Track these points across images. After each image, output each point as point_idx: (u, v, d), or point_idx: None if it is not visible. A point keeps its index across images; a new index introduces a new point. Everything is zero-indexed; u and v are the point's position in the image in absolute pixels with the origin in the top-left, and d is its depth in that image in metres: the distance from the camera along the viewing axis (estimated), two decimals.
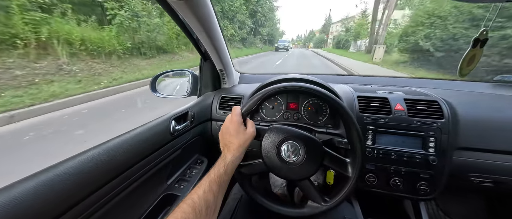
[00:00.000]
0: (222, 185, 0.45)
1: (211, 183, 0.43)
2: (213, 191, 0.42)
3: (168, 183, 0.79)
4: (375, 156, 0.75)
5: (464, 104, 0.77)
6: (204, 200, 0.39)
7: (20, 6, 4.50)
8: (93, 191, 0.48)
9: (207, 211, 0.39)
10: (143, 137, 0.64)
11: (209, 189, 0.41)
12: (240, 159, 0.54)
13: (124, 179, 0.57)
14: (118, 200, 0.57)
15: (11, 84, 3.70)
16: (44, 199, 0.39)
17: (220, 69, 1.07)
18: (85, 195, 0.46)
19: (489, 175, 0.71)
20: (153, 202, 0.72)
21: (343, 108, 0.56)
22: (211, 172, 0.46)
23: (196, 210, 0.36)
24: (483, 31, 0.60)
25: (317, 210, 0.55)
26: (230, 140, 0.53)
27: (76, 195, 0.45)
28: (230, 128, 0.55)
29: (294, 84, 0.60)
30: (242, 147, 0.53)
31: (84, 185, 0.46)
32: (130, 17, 7.17)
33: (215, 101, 1.04)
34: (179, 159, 0.84)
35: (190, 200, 0.38)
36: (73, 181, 0.44)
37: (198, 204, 0.38)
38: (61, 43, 5.10)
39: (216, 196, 0.42)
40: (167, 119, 0.76)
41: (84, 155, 0.49)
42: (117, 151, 0.55)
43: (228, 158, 0.50)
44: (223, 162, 0.48)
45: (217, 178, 0.44)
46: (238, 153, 0.52)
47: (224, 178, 0.46)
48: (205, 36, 0.81)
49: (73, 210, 0.44)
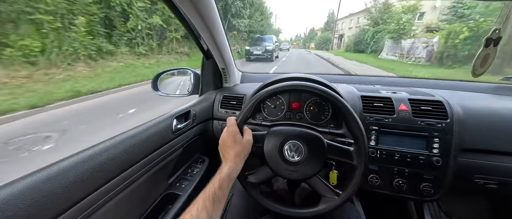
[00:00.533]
0: (217, 201, 0.44)
1: (204, 200, 0.42)
2: (207, 209, 0.41)
3: (169, 182, 0.79)
4: (378, 157, 0.74)
5: (469, 105, 0.76)
6: (197, 218, 0.39)
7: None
8: (94, 189, 0.48)
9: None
10: (145, 135, 0.64)
11: (203, 207, 0.41)
12: (238, 170, 0.53)
13: (125, 177, 0.56)
14: (120, 198, 0.56)
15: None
16: (44, 197, 0.39)
17: (222, 68, 1.07)
18: (85, 193, 0.46)
19: (494, 176, 0.70)
20: (154, 201, 0.72)
21: (341, 102, 0.55)
22: (206, 188, 0.45)
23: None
24: (495, 30, 0.59)
25: (332, 203, 0.54)
26: (228, 151, 0.53)
27: (76, 193, 0.44)
28: (227, 139, 0.55)
29: (291, 84, 0.59)
30: (239, 157, 0.53)
31: (84, 183, 0.46)
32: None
33: (217, 100, 1.03)
34: (181, 157, 0.84)
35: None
36: (73, 179, 0.44)
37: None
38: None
39: (210, 214, 0.41)
40: (169, 117, 0.76)
41: (84, 153, 0.49)
42: (118, 149, 0.55)
43: (224, 171, 0.49)
44: (219, 176, 0.48)
45: (211, 194, 0.44)
46: (234, 164, 0.51)
47: (218, 193, 0.45)
48: (208, 33, 0.80)
49: (74, 208, 0.44)
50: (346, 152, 0.56)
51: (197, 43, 0.94)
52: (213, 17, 0.74)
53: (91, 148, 0.51)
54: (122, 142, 0.57)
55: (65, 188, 0.42)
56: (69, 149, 1.47)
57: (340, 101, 0.55)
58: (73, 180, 0.44)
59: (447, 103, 0.74)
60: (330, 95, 0.55)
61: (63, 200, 0.42)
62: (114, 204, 0.55)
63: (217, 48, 0.92)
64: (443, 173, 0.70)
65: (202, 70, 1.10)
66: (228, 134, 0.55)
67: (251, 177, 0.62)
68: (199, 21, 0.72)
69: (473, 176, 0.72)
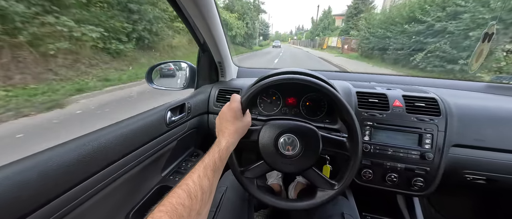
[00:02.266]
0: (217, 171, 0.44)
1: (206, 168, 0.42)
2: (208, 177, 0.41)
3: (162, 175, 0.78)
4: (372, 152, 0.75)
5: (461, 102, 0.77)
6: (200, 185, 0.38)
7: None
8: (85, 178, 0.47)
9: (202, 196, 0.37)
10: (138, 126, 0.63)
11: (204, 174, 0.40)
12: (234, 145, 0.52)
13: (117, 168, 0.55)
14: (111, 189, 0.55)
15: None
16: (33, 184, 0.38)
17: (218, 61, 1.05)
18: (76, 182, 0.45)
19: (483, 172, 0.72)
20: (147, 193, 0.71)
21: (335, 96, 0.56)
22: (205, 157, 0.45)
23: (192, 195, 0.35)
24: (493, 25, 0.60)
25: (328, 195, 0.55)
26: (226, 125, 0.53)
27: (67, 181, 0.43)
28: (228, 114, 0.54)
29: (294, 77, 0.59)
30: (237, 134, 0.53)
31: (76, 171, 0.45)
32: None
33: (212, 94, 1.02)
34: (175, 151, 0.83)
35: (185, 185, 0.36)
36: (64, 167, 0.43)
37: (194, 189, 0.36)
38: None
39: (211, 182, 0.41)
40: (163, 109, 0.74)
41: (76, 142, 0.48)
42: (110, 139, 0.54)
43: (223, 144, 0.49)
44: (218, 148, 0.47)
45: (212, 163, 0.43)
46: (232, 139, 0.51)
47: (218, 164, 0.45)
48: (205, 27, 0.79)
49: (64, 196, 0.43)
50: (340, 143, 0.57)
51: (193, 36, 0.93)
52: (211, 9, 0.73)
53: (82, 137, 0.50)
54: (114, 132, 0.56)
55: (55, 175, 0.41)
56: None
57: (335, 95, 0.55)
58: (63, 168, 0.43)
59: (441, 100, 0.75)
60: (327, 89, 0.56)
61: (49, 190, 0.41)
62: (106, 195, 0.54)
63: (213, 42, 0.91)
64: (434, 168, 0.72)
65: (198, 63, 1.08)
66: (229, 108, 0.54)
67: (247, 172, 0.61)
68: (196, 13, 0.71)
69: (462, 171, 0.74)
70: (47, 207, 0.40)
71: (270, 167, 0.59)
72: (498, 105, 0.75)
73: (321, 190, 0.56)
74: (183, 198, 0.34)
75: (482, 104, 0.77)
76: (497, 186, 0.75)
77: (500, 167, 0.70)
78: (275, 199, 0.59)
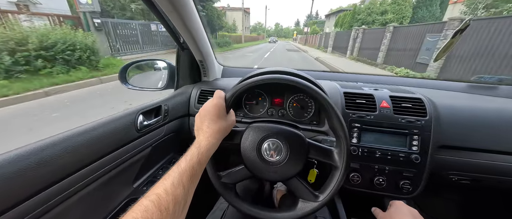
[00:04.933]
0: (194, 177, 0.38)
1: (181, 174, 0.36)
2: (183, 184, 0.35)
3: (134, 186, 0.70)
4: (360, 154, 0.73)
5: (446, 103, 0.77)
6: (173, 195, 0.32)
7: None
8: (42, 189, 0.40)
9: (175, 207, 0.32)
10: (104, 131, 0.55)
11: (179, 181, 0.34)
12: (215, 147, 0.47)
13: (77, 179, 0.48)
14: (73, 201, 0.48)
15: None
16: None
17: (199, 60, 0.98)
18: (31, 193, 0.38)
19: (467, 172, 0.72)
20: (115, 207, 0.63)
21: (325, 100, 0.51)
22: (181, 161, 0.38)
23: (162, 208, 0.29)
24: (466, 21, 0.60)
25: (310, 207, 0.50)
26: (208, 124, 0.46)
27: (19, 193, 0.37)
28: (211, 111, 0.47)
29: (284, 77, 0.54)
30: (219, 134, 0.47)
31: (31, 181, 0.38)
32: None
33: (193, 95, 0.95)
34: (149, 158, 0.75)
35: (154, 195, 0.31)
36: (16, 177, 0.36)
37: (165, 200, 0.31)
38: None
39: (186, 190, 0.35)
40: (132, 112, 0.67)
41: (32, 146, 0.41)
42: (72, 144, 0.47)
43: (203, 145, 0.43)
44: (197, 150, 0.41)
45: (189, 169, 0.37)
46: (214, 140, 0.45)
47: (197, 169, 0.39)
48: (182, 24, 0.73)
49: (16, 209, 0.36)
50: (327, 152, 0.52)
51: (171, 33, 0.85)
52: (187, 4, 0.67)
53: (40, 141, 0.43)
54: (77, 136, 0.49)
55: (4, 186, 0.35)
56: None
57: (325, 100, 0.51)
58: (16, 177, 0.36)
59: (427, 101, 0.74)
60: (318, 94, 0.51)
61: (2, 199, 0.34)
62: (67, 207, 0.47)
63: (193, 40, 0.84)
64: (421, 170, 0.70)
65: (178, 62, 1.00)
66: (213, 105, 0.48)
67: (225, 177, 0.56)
68: (170, 9, 0.64)
69: (448, 172, 0.74)
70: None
71: (251, 173, 0.54)
72: (481, 106, 0.76)
73: (303, 201, 0.51)
74: (152, 212, 0.28)
75: (466, 105, 0.77)
76: (481, 185, 0.75)
77: (483, 167, 0.70)
78: (254, 209, 0.54)
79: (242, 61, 11.43)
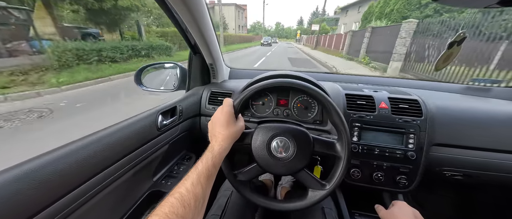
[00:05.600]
0: (210, 177, 0.44)
1: (199, 175, 0.42)
2: (202, 184, 0.41)
3: (154, 180, 0.77)
4: (360, 152, 0.79)
5: (441, 104, 0.82)
6: (193, 193, 0.38)
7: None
8: (75, 187, 0.46)
9: (196, 204, 0.37)
10: (128, 131, 0.62)
11: (197, 181, 0.40)
12: (227, 151, 0.53)
13: (107, 175, 0.54)
14: (102, 196, 0.54)
15: None
16: (22, 195, 0.37)
17: (210, 63, 1.05)
18: (65, 191, 0.44)
19: (460, 169, 0.78)
20: (138, 199, 0.70)
21: (326, 99, 0.58)
22: (198, 164, 0.44)
23: (185, 204, 0.35)
24: (460, 34, 0.65)
25: (319, 195, 0.56)
26: (220, 130, 0.52)
27: (56, 191, 0.42)
28: (221, 119, 0.53)
29: (286, 81, 0.60)
30: (230, 138, 0.53)
31: (64, 180, 0.44)
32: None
33: (204, 96, 1.02)
34: (166, 154, 0.82)
35: (177, 193, 0.36)
36: (52, 177, 0.41)
37: (187, 197, 0.36)
38: None
39: (204, 189, 0.41)
40: (153, 113, 0.73)
41: (64, 149, 0.46)
42: (100, 145, 0.53)
43: (216, 149, 0.48)
44: (211, 154, 0.47)
45: (205, 170, 0.43)
46: (225, 144, 0.51)
47: (212, 170, 0.45)
48: (196, 28, 0.79)
49: (53, 206, 0.42)
50: (331, 144, 0.58)
51: (184, 37, 0.92)
52: (202, 10, 0.73)
53: (71, 143, 0.49)
54: (104, 138, 0.55)
55: (43, 185, 0.40)
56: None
57: (325, 98, 0.57)
58: (52, 177, 0.41)
59: (422, 102, 0.79)
60: (319, 94, 0.57)
61: (41, 197, 0.40)
62: (97, 202, 0.53)
63: (205, 43, 0.90)
64: (416, 166, 0.76)
65: (190, 65, 1.07)
66: (222, 113, 0.54)
67: (240, 175, 0.62)
68: (186, 14, 0.70)
69: (442, 168, 0.79)
70: (38, 217, 0.39)
71: (263, 170, 0.60)
72: (473, 107, 0.81)
73: (312, 191, 0.57)
74: (176, 207, 0.34)
75: (460, 106, 0.82)
76: (473, 181, 0.80)
77: (475, 163, 0.76)
78: (269, 201, 0.60)
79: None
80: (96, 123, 2.94)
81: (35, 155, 0.43)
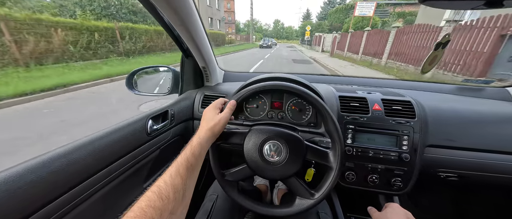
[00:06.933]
0: (191, 168, 0.44)
1: (178, 167, 0.42)
2: (181, 175, 0.40)
3: (144, 186, 0.75)
4: (354, 154, 0.78)
5: (433, 105, 0.82)
6: (171, 185, 0.37)
7: None
8: (62, 193, 0.44)
9: (175, 195, 0.37)
10: (116, 136, 0.60)
11: (176, 173, 0.40)
12: (207, 141, 0.52)
13: (96, 180, 0.53)
14: (90, 203, 0.52)
15: None
16: (3, 205, 0.35)
17: (202, 66, 1.04)
18: (52, 197, 0.42)
19: (454, 170, 0.77)
20: (129, 206, 0.68)
21: (322, 106, 0.57)
22: (178, 157, 0.45)
23: (163, 196, 0.35)
24: (446, 35, 0.66)
25: (307, 204, 0.55)
26: (202, 124, 0.55)
27: (42, 198, 0.41)
28: (206, 113, 0.58)
29: (283, 84, 0.60)
30: (210, 131, 0.53)
31: (51, 187, 0.42)
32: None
33: (197, 99, 1.00)
34: (158, 160, 0.80)
35: (155, 187, 0.36)
36: (38, 183, 0.40)
37: (165, 190, 0.36)
38: None
39: (184, 180, 0.40)
40: (143, 117, 0.72)
41: (50, 154, 0.45)
42: (87, 150, 0.51)
43: (194, 140, 0.49)
44: (190, 146, 0.48)
45: (184, 161, 0.43)
46: (205, 135, 0.51)
47: (191, 160, 0.45)
48: (187, 34, 0.78)
49: (39, 213, 0.40)
50: (323, 154, 0.58)
51: (176, 42, 0.91)
52: (191, 14, 0.72)
53: (55, 150, 0.47)
54: (91, 143, 0.53)
55: (24, 194, 0.38)
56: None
57: (322, 105, 0.56)
58: (34, 184, 0.40)
59: (415, 103, 0.79)
60: (315, 99, 0.56)
61: (21, 207, 0.38)
62: (84, 210, 0.51)
63: (196, 47, 0.89)
64: (411, 168, 0.76)
65: (182, 68, 1.06)
66: (209, 108, 0.59)
67: (229, 175, 0.61)
68: (175, 19, 0.69)
69: (436, 169, 0.79)
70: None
71: (252, 172, 0.59)
72: (466, 107, 0.81)
73: (300, 199, 0.56)
74: (153, 200, 0.33)
75: (453, 107, 0.82)
76: (468, 181, 0.80)
77: (469, 164, 0.75)
78: (255, 204, 0.59)
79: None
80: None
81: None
